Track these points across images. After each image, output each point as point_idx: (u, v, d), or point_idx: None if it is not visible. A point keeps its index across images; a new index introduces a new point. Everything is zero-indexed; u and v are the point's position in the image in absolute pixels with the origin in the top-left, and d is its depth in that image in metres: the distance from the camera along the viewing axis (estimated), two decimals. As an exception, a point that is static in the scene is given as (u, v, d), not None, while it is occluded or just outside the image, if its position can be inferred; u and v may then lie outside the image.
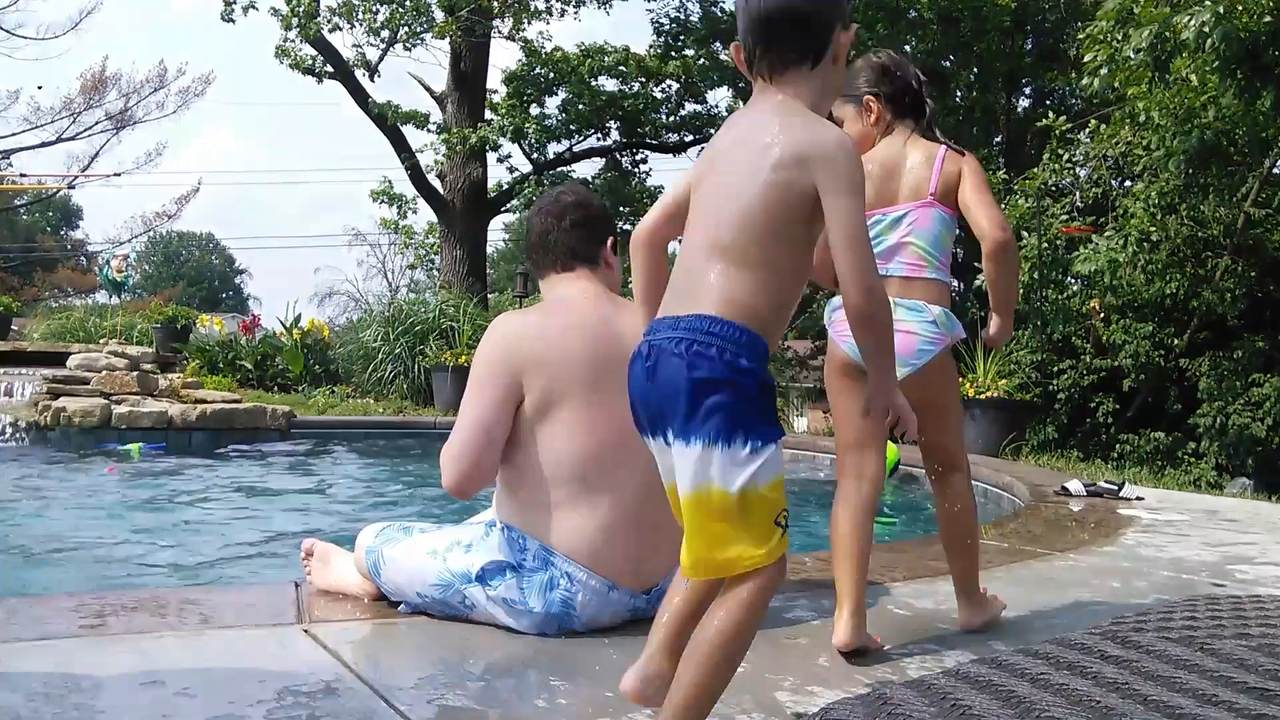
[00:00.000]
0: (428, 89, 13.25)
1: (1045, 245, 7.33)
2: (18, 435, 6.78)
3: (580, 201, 2.02)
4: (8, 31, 20.15)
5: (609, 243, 2.02)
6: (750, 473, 1.19)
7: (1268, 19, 5.08)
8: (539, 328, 1.89)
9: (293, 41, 12.05)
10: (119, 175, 22.24)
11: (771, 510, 1.22)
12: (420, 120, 12.52)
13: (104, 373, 7.21)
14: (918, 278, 1.96)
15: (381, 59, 12.43)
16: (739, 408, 1.19)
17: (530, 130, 12.83)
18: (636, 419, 1.29)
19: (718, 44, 13.49)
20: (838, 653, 1.81)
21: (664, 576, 1.94)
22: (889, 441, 6.85)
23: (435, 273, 15.62)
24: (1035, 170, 7.57)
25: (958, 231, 2.05)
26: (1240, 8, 5.05)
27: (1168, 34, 5.50)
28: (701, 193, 1.33)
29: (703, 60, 13.32)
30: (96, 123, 21.95)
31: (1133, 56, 5.78)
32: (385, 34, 12.17)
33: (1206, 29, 5.01)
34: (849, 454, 1.94)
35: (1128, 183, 7.71)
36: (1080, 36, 6.68)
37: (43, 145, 22.04)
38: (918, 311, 1.95)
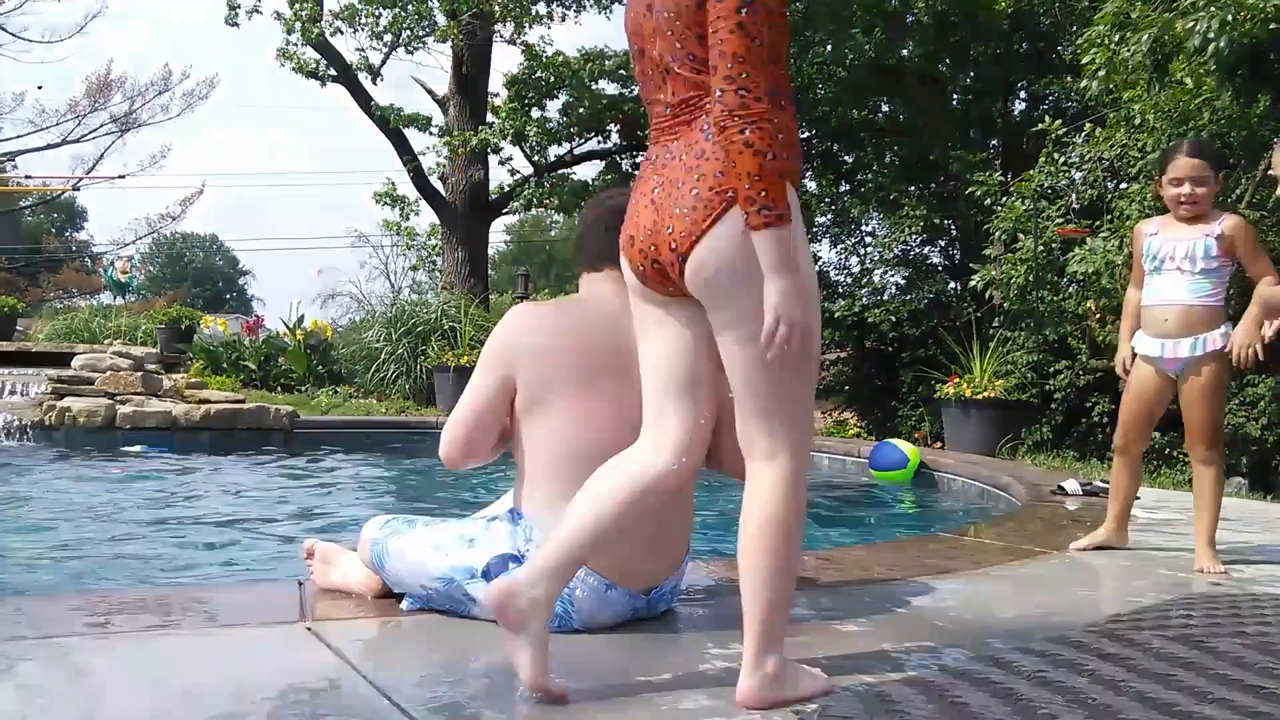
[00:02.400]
0: (430, 92, 13.28)
1: (1041, 247, 7.35)
2: (23, 435, 6.81)
3: (621, 207, 2.03)
4: (12, 34, 20.22)
5: None
6: None
7: (1273, 25, 5.08)
8: (540, 320, 1.94)
9: (295, 45, 12.08)
10: (123, 177, 22.29)
11: None
12: (422, 123, 12.54)
13: (108, 373, 7.23)
14: None
15: (384, 62, 12.46)
16: None
17: (531, 133, 12.85)
18: None
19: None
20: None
21: (664, 578, 1.95)
22: (910, 443, 6.82)
23: (437, 274, 15.63)
24: (1031, 173, 7.58)
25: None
26: (1244, 14, 5.05)
27: (1167, 38, 5.50)
28: None
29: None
30: (101, 125, 21.97)
31: (1130, 60, 5.79)
32: (388, 37, 12.20)
33: (1211, 35, 5.01)
34: None
35: (1123, 185, 7.71)
36: (1079, 43, 6.70)
37: (48, 147, 22.08)
38: None
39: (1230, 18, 5.01)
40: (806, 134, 14.22)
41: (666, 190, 1.55)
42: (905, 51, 11.32)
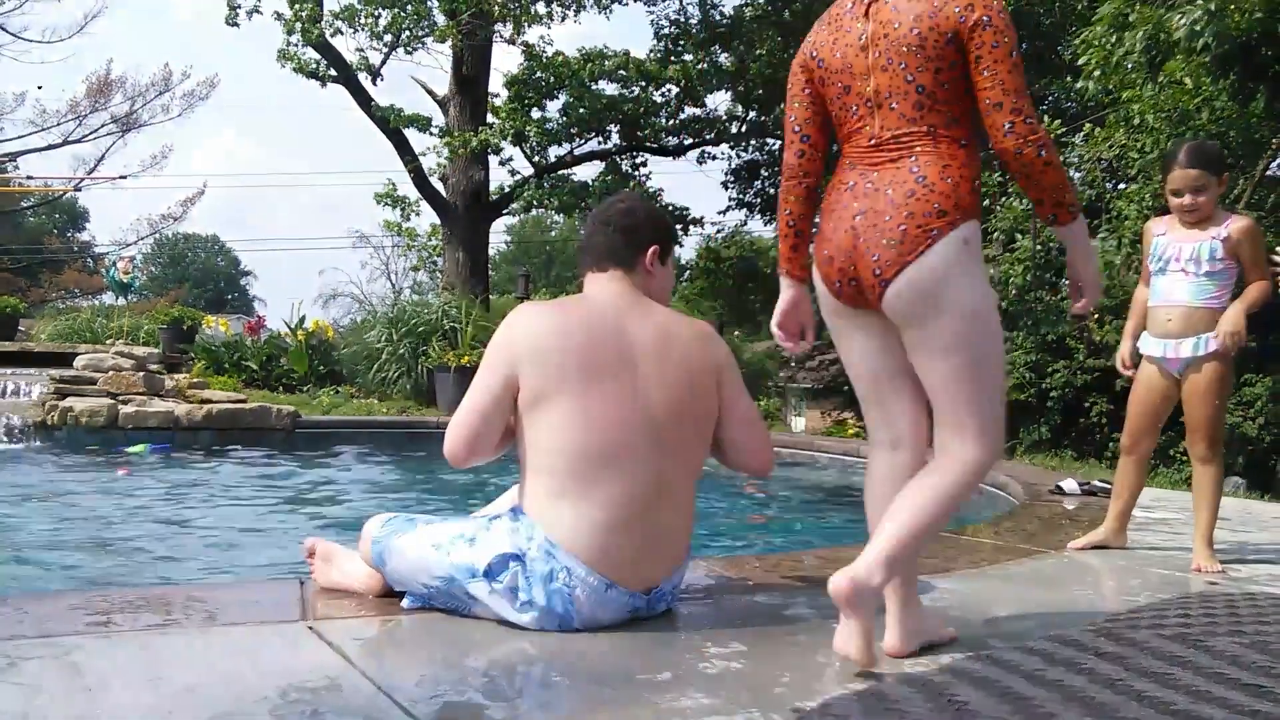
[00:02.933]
0: (430, 92, 13.29)
1: (1039, 247, 7.36)
2: (26, 435, 6.82)
3: (630, 209, 2.09)
4: (13, 35, 20.23)
5: (652, 250, 2.06)
6: None
7: (1259, 15, 5.08)
8: (544, 319, 1.94)
9: (295, 45, 12.09)
10: (125, 178, 22.33)
11: None
12: (422, 123, 12.55)
13: (111, 373, 7.25)
14: None
15: (384, 63, 12.47)
16: None
17: (531, 133, 12.86)
18: None
19: (717, 48, 13.53)
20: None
21: (664, 578, 1.96)
22: None
23: (438, 274, 15.65)
24: (1030, 173, 7.59)
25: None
26: (1232, 6, 5.06)
27: (1161, 35, 5.52)
28: None
29: (702, 64, 13.34)
30: (102, 125, 22.01)
31: (1126, 54, 5.79)
32: (387, 38, 12.21)
33: (1198, 27, 5.02)
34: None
35: (1122, 185, 7.71)
36: (1076, 44, 6.70)
37: (49, 148, 22.11)
38: None
39: (1213, 7, 5.02)
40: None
41: (870, 220, 1.73)
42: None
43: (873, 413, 1.87)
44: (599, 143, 13.87)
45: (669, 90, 13.59)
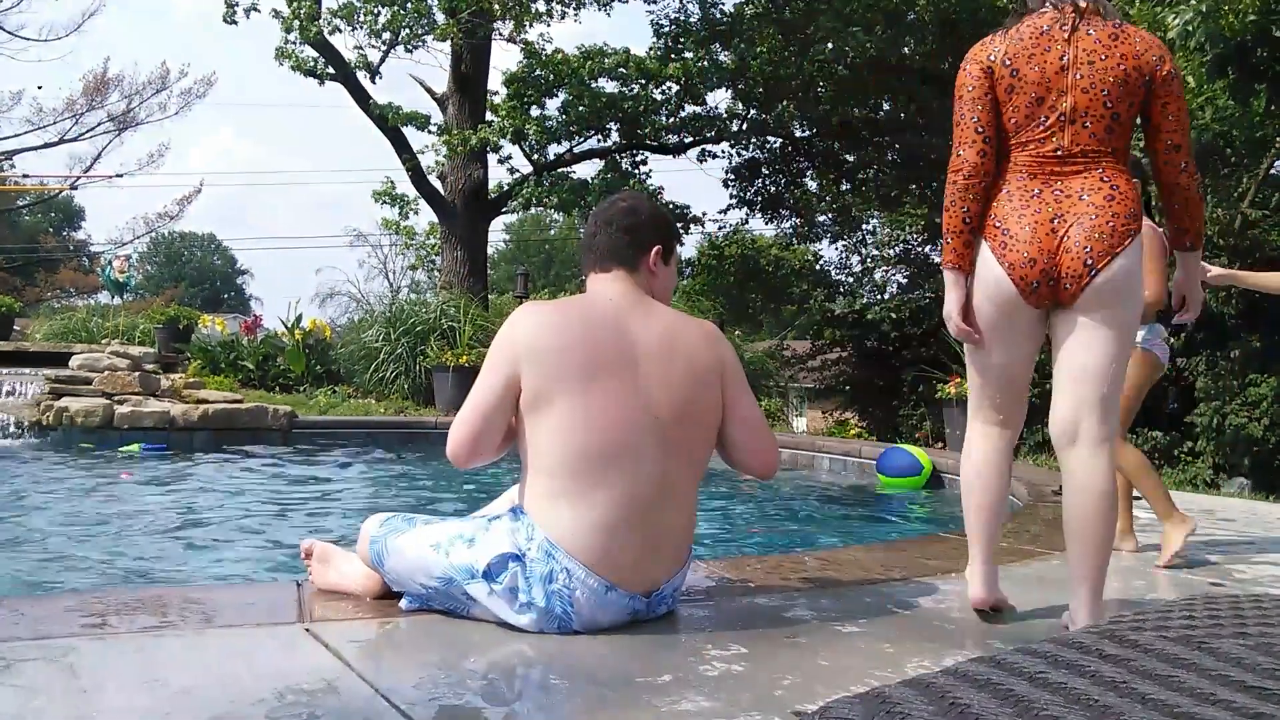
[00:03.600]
0: (429, 90, 13.25)
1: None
2: (20, 435, 6.80)
3: (632, 209, 2.09)
4: (9, 33, 20.17)
5: (655, 250, 2.05)
6: None
7: (1252, 18, 5.08)
8: (545, 318, 1.92)
9: (293, 43, 12.06)
10: (121, 176, 22.27)
11: None
12: (421, 121, 12.52)
13: (106, 373, 7.23)
14: None
15: (383, 61, 12.43)
16: None
17: (530, 131, 12.83)
18: None
19: (717, 46, 13.51)
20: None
21: (665, 580, 1.94)
22: (922, 450, 6.84)
23: (436, 273, 15.62)
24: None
25: None
26: (1225, 7, 5.06)
27: (1157, 34, 5.52)
28: None
29: (702, 62, 13.32)
30: (99, 124, 21.95)
31: None
32: (386, 36, 12.18)
33: (1190, 28, 5.03)
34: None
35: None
36: None
37: (45, 146, 22.05)
38: None
39: (1204, 9, 5.03)
40: (808, 132, 14.23)
41: (1072, 220, 1.96)
42: (907, 50, 11.30)
43: (999, 398, 2.12)
44: (599, 141, 13.85)
45: (669, 88, 13.58)
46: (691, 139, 14.26)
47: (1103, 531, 1.94)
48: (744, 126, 14.22)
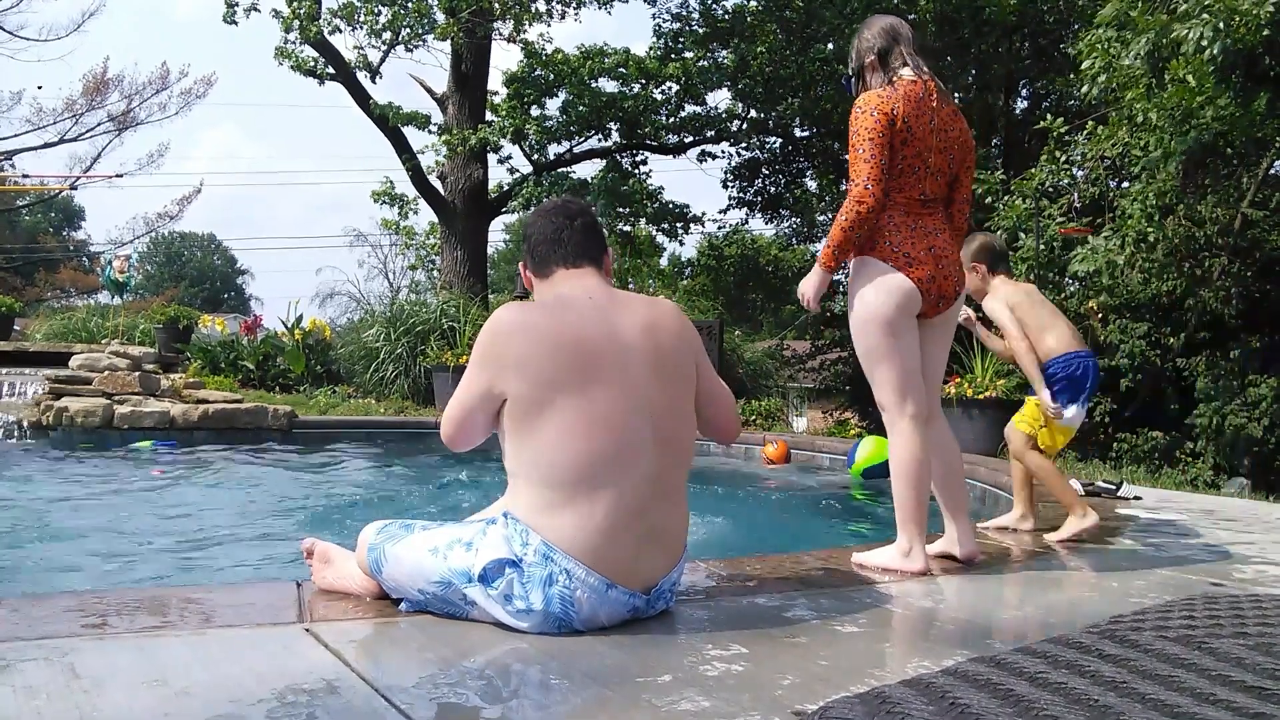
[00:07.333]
0: (429, 90, 13.25)
1: (1042, 246, 7.34)
2: (20, 435, 6.80)
3: (586, 208, 2.14)
4: (9, 33, 20.17)
5: (609, 251, 2.13)
6: None
7: (1266, 33, 5.11)
8: (531, 323, 1.90)
9: (293, 43, 12.06)
10: (121, 176, 22.26)
11: None
12: (421, 121, 12.52)
13: (106, 373, 7.23)
14: None
15: (383, 61, 12.44)
16: None
17: (530, 131, 12.84)
18: None
19: (717, 45, 13.51)
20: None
21: (663, 576, 1.94)
22: (879, 439, 6.97)
23: (436, 273, 15.63)
24: (1033, 171, 7.57)
25: None
26: (1238, 20, 5.08)
27: (1165, 41, 5.52)
28: None
29: (702, 62, 13.33)
30: (99, 124, 21.96)
31: (1129, 64, 5.80)
32: (386, 36, 12.18)
33: (1205, 42, 5.05)
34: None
35: (1124, 184, 7.70)
36: (1080, 46, 6.69)
37: (45, 146, 22.06)
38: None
39: (1222, 25, 5.05)
40: (807, 131, 14.23)
41: (942, 252, 2.55)
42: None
43: (916, 392, 2.52)
44: (599, 141, 13.86)
45: (669, 88, 13.59)
46: (691, 139, 14.27)
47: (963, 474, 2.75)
48: (744, 126, 14.23)
